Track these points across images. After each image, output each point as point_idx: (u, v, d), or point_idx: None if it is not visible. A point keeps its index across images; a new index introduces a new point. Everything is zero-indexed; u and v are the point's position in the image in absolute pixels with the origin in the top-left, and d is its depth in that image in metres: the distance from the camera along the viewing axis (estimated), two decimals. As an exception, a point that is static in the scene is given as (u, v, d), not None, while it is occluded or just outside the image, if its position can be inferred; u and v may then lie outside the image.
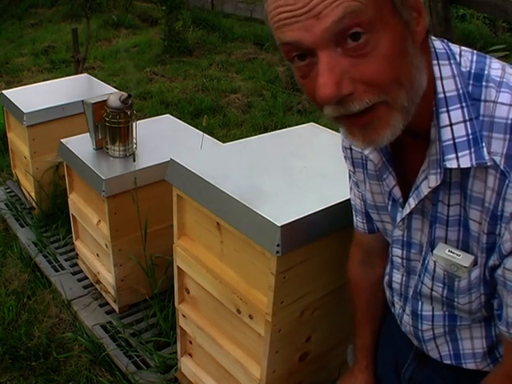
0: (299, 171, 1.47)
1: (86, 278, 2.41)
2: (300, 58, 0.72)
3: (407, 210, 0.89)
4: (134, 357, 1.98)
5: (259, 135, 1.79)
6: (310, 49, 0.69)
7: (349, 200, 1.14)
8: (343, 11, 0.66)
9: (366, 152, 0.90)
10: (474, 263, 0.84)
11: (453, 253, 0.86)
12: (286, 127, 2.70)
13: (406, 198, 0.90)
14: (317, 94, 0.70)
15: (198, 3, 7.12)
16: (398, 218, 0.93)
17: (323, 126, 1.81)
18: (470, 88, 0.77)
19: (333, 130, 1.71)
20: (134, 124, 2.08)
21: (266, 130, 3.92)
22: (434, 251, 0.88)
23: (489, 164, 0.75)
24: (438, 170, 0.80)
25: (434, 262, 0.88)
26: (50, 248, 2.61)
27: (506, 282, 0.81)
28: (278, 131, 1.90)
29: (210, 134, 2.79)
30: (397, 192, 0.91)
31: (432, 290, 0.92)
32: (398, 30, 0.70)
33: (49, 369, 1.97)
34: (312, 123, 1.85)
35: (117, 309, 2.20)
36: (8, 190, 3.15)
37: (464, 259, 0.84)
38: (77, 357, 2.01)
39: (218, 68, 5.43)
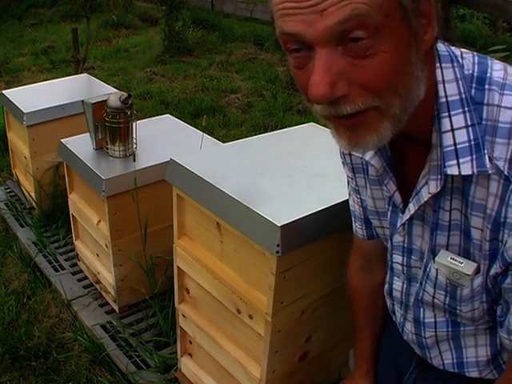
0: (299, 171, 1.47)
1: (86, 277, 2.41)
2: (296, 50, 0.70)
3: (407, 215, 0.87)
4: (134, 357, 1.98)
5: (259, 135, 1.79)
6: (310, 43, 0.68)
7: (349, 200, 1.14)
8: (350, 13, 0.64)
9: (367, 158, 0.88)
10: (477, 271, 0.82)
11: (455, 260, 0.84)
12: (286, 127, 2.70)
13: (406, 204, 0.88)
14: (309, 92, 0.68)
15: (198, 3, 7.11)
16: (399, 224, 0.91)
17: (323, 126, 1.80)
18: (473, 92, 0.75)
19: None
20: (133, 124, 2.08)
21: (266, 130, 3.92)
22: (436, 259, 0.86)
23: (490, 172, 0.73)
24: (439, 176, 0.78)
25: (436, 269, 0.87)
26: (50, 248, 2.61)
27: None
28: (277, 131, 1.90)
29: (210, 134, 2.78)
30: (397, 197, 0.89)
31: (434, 297, 0.91)
32: (405, 38, 0.68)
33: (49, 369, 1.97)
34: (312, 123, 1.84)
35: (117, 309, 2.20)
36: (8, 190, 3.15)
37: (467, 267, 0.83)
38: (77, 357, 2.01)
39: (218, 68, 5.42)
